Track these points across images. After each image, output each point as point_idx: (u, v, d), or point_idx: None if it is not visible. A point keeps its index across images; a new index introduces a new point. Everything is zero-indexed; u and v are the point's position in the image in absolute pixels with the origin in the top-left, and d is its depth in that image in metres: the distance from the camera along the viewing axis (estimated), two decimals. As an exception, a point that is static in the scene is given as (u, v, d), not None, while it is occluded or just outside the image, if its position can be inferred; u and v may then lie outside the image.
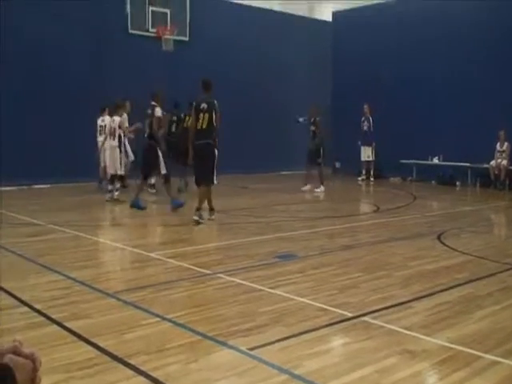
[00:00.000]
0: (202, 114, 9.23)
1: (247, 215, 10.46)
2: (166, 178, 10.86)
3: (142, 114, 11.52)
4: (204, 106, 9.25)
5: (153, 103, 10.89)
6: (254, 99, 19.02)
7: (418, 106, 17.06)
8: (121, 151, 12.06)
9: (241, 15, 19.34)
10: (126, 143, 12.40)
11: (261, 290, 5.52)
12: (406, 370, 3.68)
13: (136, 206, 10.70)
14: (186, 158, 9.86)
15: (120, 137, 12.02)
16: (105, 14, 16.16)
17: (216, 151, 9.38)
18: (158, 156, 10.67)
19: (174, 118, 13.94)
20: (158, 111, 10.79)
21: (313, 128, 14.28)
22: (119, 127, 12.01)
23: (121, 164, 12.08)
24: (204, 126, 9.22)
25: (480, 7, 15.77)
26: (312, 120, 14.41)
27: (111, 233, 9.27)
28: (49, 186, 14.82)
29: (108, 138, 12.35)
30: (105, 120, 13.33)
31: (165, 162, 10.78)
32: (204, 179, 9.39)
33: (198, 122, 9.27)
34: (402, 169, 17.42)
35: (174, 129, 13.94)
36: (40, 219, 9.57)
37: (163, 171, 10.80)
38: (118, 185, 12.15)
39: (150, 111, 10.87)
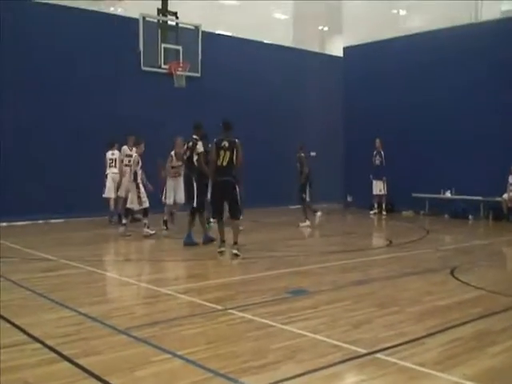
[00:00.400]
0: (222, 152, 9.50)
1: (258, 250, 10.43)
2: (199, 211, 10.74)
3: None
4: (225, 143, 9.54)
5: (195, 137, 10.86)
6: (266, 134, 19.08)
7: (430, 139, 17.07)
8: (137, 186, 12.09)
9: (253, 51, 19.57)
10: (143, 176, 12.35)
11: (273, 325, 5.48)
12: (420, 409, 3.63)
13: (189, 242, 10.68)
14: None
15: (136, 173, 12.10)
16: (118, 52, 16.41)
17: (237, 188, 9.69)
18: (193, 189, 10.65)
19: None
20: (201, 147, 10.70)
21: (297, 165, 14.29)
22: (137, 163, 12.07)
23: (139, 198, 12.06)
24: (224, 164, 9.48)
25: (490, 32, 15.89)
26: (297, 156, 14.41)
27: (123, 268, 9.27)
28: (62, 220, 14.91)
29: (127, 172, 12.49)
30: (115, 154, 13.94)
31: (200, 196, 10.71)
32: (233, 213, 9.66)
33: (218, 159, 9.50)
34: (415, 202, 17.37)
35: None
36: (53, 254, 9.60)
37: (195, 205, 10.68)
38: (145, 220, 12.11)
39: (190, 144, 10.82)
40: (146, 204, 12.03)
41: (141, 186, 12.04)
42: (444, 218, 16.40)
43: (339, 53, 21.69)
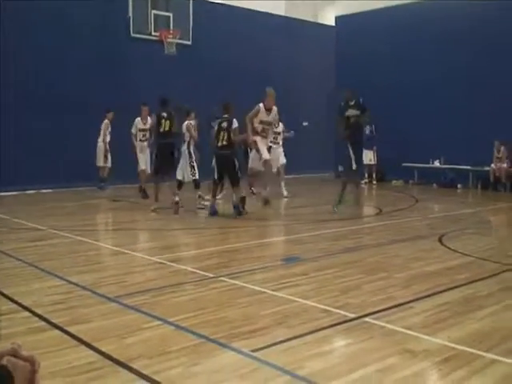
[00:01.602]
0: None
1: (251, 219, 10.47)
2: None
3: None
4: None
5: (225, 116, 10.83)
6: (257, 103, 18.95)
7: (419, 109, 17.08)
8: (190, 155, 11.97)
9: (244, 19, 19.38)
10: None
11: (264, 292, 5.53)
12: (407, 369, 3.69)
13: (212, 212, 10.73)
14: None
15: (189, 142, 11.99)
16: (106, 17, 16.20)
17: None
18: (235, 166, 10.69)
19: (164, 115, 11.59)
20: (235, 122, 10.76)
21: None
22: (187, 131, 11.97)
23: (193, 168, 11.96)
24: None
25: (481, 8, 15.81)
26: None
27: (113, 237, 9.28)
28: (50, 190, 14.87)
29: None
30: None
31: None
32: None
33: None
34: (404, 172, 17.44)
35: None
36: (42, 224, 9.59)
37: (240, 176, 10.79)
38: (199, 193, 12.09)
39: (225, 124, 10.71)
40: (197, 175, 11.99)
41: (193, 155, 11.99)
42: (433, 188, 16.48)
43: (332, 22, 21.51)
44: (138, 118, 13.73)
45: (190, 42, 17.95)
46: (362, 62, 18.74)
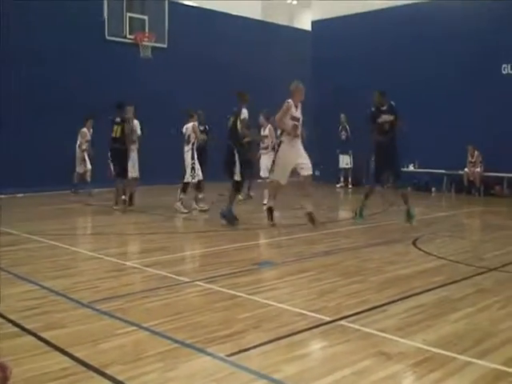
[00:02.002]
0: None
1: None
2: (237, 187, 10.33)
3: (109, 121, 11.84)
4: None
5: (235, 109, 10.46)
6: (232, 107, 18.92)
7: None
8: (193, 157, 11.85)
9: (220, 23, 19.39)
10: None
11: (239, 296, 5.52)
12: (382, 372, 3.71)
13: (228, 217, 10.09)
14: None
15: (193, 143, 11.83)
16: (81, 20, 16.08)
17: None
18: (234, 161, 10.14)
19: (118, 120, 12.13)
20: (244, 113, 10.27)
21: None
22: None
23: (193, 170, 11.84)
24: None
25: (458, 15, 16.04)
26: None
27: (87, 242, 9.19)
28: (22, 195, 14.69)
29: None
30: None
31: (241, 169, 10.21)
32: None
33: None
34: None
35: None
36: (15, 228, 9.45)
37: (237, 178, 10.13)
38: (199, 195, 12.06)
39: (231, 119, 10.40)
40: (200, 177, 11.91)
41: (195, 157, 11.89)
42: (407, 191, 16.56)
43: (308, 27, 21.59)
44: None
45: (165, 45, 17.91)
46: (338, 66, 18.85)
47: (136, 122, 12.49)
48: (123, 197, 11.94)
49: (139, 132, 12.58)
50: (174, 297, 5.56)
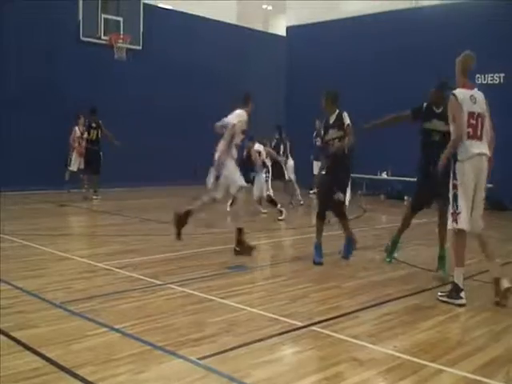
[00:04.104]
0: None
1: (199, 226, 10.41)
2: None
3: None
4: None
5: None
6: (207, 110, 18.89)
7: (367, 120, 17.31)
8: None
9: (195, 26, 19.37)
10: None
11: (212, 300, 5.53)
12: (353, 378, 3.74)
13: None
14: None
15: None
16: (55, 20, 15.94)
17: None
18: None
19: (94, 125, 14.37)
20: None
21: None
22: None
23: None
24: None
25: (437, 24, 16.19)
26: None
27: (59, 242, 9.07)
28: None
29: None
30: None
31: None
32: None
33: None
34: (353, 183, 17.63)
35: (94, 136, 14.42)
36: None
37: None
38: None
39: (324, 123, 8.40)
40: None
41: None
42: (380, 199, 16.75)
43: (283, 32, 21.69)
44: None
45: (140, 47, 17.85)
46: (313, 72, 18.92)
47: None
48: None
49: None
50: (146, 299, 5.54)
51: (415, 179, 8.33)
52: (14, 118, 15.00)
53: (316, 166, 17.80)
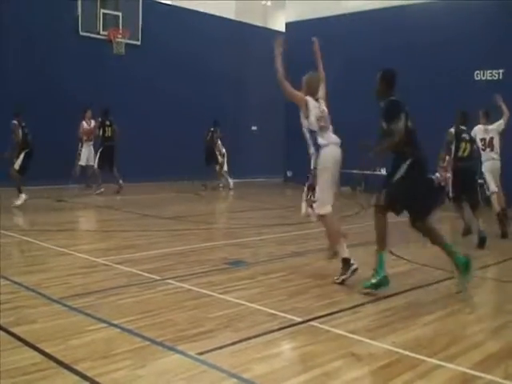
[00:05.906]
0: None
1: (199, 222, 10.43)
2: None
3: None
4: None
5: None
6: (205, 107, 18.87)
7: (366, 117, 17.27)
8: None
9: (194, 22, 19.33)
10: None
11: (210, 295, 5.52)
12: (351, 373, 3.75)
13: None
14: None
15: None
16: (55, 15, 15.91)
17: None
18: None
19: (108, 123, 14.90)
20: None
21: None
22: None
23: None
24: None
25: (430, 23, 16.23)
26: None
27: (58, 238, 9.07)
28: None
29: None
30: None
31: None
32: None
33: None
34: (352, 179, 17.66)
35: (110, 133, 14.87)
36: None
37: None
38: None
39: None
40: None
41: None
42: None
43: (282, 28, 21.65)
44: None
45: (139, 43, 17.83)
46: (312, 68, 18.86)
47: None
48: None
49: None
50: (144, 294, 5.54)
51: None
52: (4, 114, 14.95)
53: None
